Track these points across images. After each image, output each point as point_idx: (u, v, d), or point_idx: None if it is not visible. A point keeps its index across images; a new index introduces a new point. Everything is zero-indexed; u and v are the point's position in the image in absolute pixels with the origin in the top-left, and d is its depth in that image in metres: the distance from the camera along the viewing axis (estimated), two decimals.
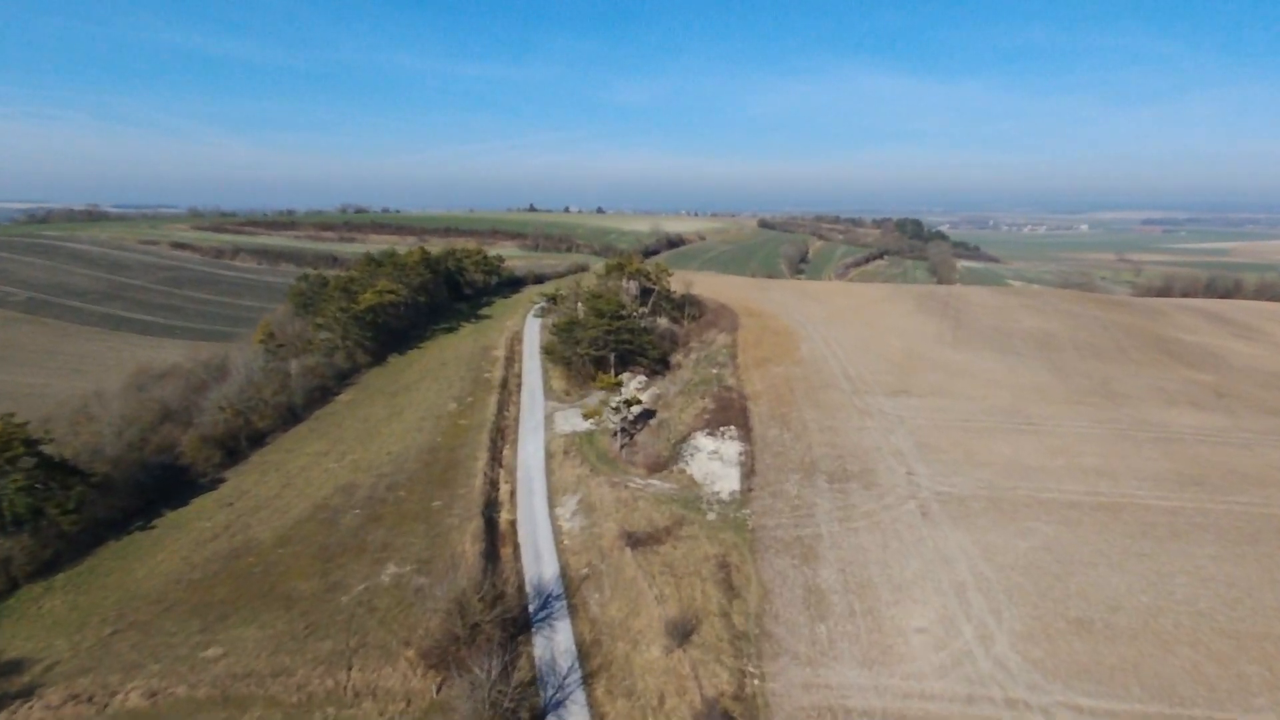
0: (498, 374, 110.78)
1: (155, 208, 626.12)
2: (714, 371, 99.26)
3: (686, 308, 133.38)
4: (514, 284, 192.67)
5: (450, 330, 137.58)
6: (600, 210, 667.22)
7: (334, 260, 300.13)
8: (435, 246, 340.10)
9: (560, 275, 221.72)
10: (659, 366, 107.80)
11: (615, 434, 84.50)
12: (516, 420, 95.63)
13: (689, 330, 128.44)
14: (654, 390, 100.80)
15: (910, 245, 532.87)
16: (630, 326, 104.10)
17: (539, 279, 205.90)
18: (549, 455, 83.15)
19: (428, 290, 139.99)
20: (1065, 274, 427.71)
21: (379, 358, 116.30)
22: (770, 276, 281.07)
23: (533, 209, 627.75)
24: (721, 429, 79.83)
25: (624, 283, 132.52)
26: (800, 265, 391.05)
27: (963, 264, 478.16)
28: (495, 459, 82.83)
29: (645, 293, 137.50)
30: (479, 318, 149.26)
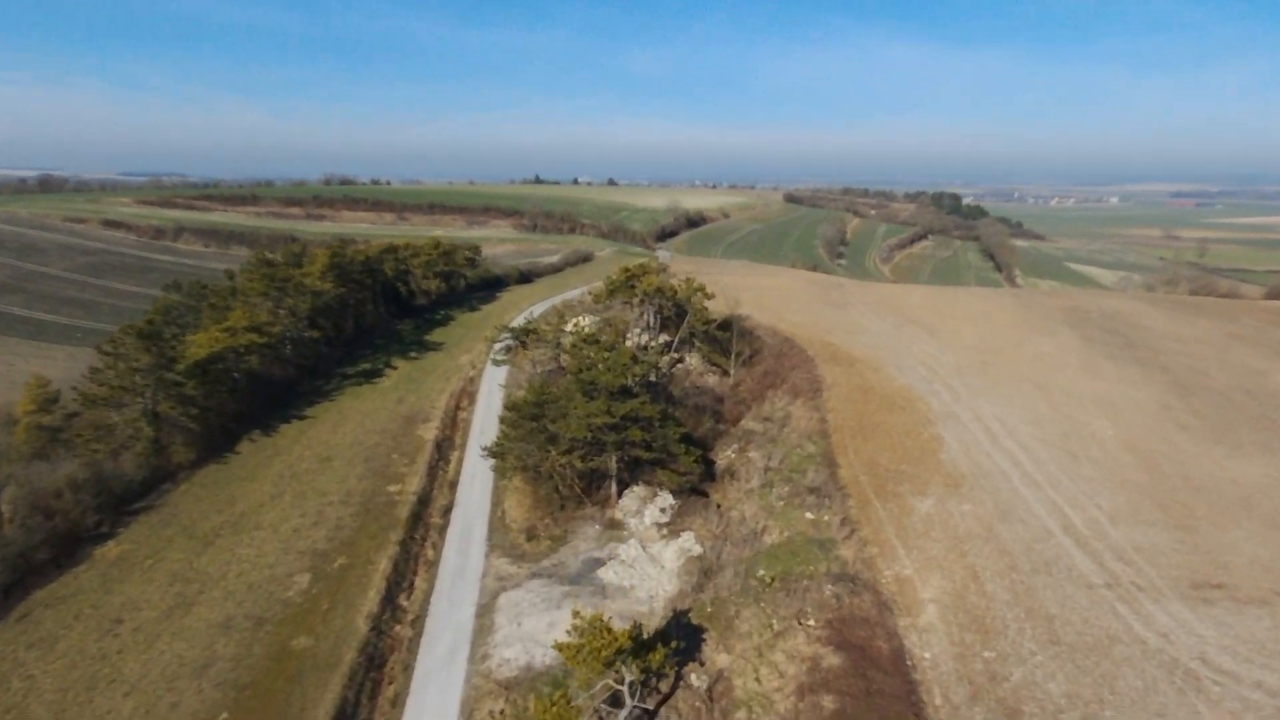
0: (413, 485, 63.45)
1: (125, 175, 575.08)
2: (807, 517, 51.53)
3: (735, 343, 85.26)
4: (491, 286, 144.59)
5: (370, 376, 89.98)
6: (612, 182, 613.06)
7: (294, 243, 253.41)
8: (415, 226, 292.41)
9: (556, 270, 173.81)
10: (695, 473, 59.96)
11: (608, 714, 36.86)
12: (421, 620, 48.48)
13: (741, 385, 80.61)
14: (689, 540, 53.45)
15: (954, 223, 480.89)
16: (644, 415, 56.22)
17: (525, 277, 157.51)
18: None
19: (336, 313, 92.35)
20: (1143, 259, 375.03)
21: (222, 444, 68.91)
22: (814, 267, 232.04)
23: (539, 180, 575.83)
24: None
25: (635, 309, 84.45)
26: (839, 248, 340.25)
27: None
28: None
29: (669, 317, 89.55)
30: (424, 348, 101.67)
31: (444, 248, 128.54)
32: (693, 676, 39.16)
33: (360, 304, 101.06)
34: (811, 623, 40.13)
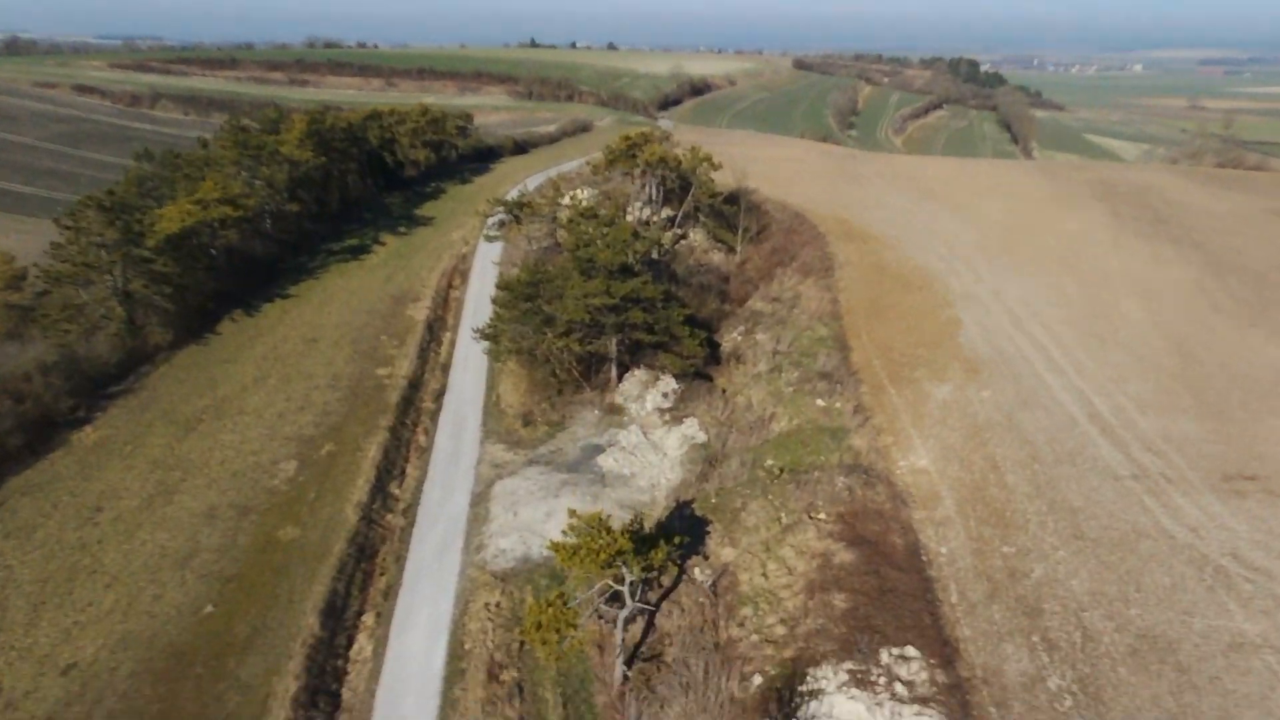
0: (403, 368, 60.65)
1: (99, 38, 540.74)
2: (818, 404, 48.75)
3: (742, 219, 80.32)
4: (484, 157, 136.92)
5: (357, 252, 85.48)
6: (612, 46, 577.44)
7: (276, 109, 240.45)
8: (405, 93, 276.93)
9: (552, 140, 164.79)
10: (699, 356, 56.84)
11: (607, 612, 35.19)
12: (413, 509, 46.74)
13: (748, 263, 76.45)
14: (693, 426, 51.05)
15: (970, 92, 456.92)
16: (645, 296, 52.48)
17: (520, 147, 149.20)
18: (452, 669, 34.87)
19: (318, 185, 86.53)
20: (1166, 132, 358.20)
21: (202, 324, 65.45)
22: (824, 138, 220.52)
23: (534, 44, 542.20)
24: (881, 653, 30.93)
25: (636, 182, 78.82)
26: (851, 118, 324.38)
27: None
28: (324, 689, 34.56)
29: (672, 190, 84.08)
30: (414, 223, 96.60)
31: (432, 115, 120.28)
32: (696, 571, 37.45)
33: (344, 175, 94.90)
34: (822, 516, 38.03)
